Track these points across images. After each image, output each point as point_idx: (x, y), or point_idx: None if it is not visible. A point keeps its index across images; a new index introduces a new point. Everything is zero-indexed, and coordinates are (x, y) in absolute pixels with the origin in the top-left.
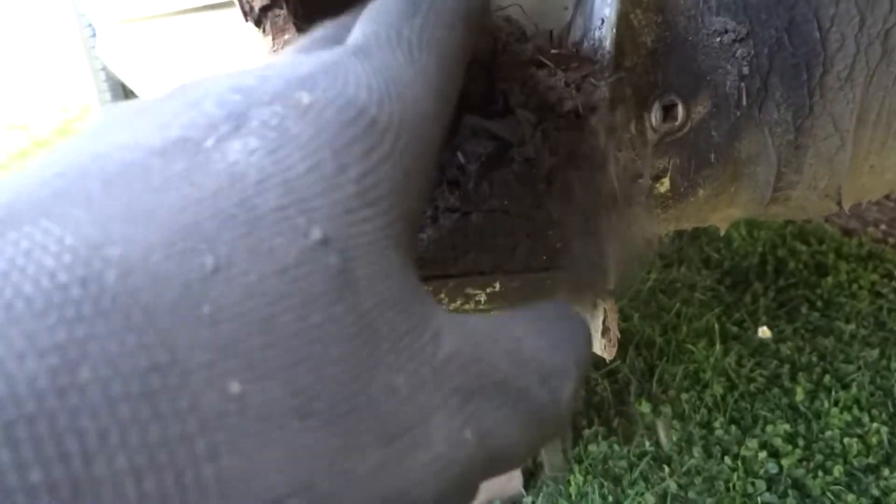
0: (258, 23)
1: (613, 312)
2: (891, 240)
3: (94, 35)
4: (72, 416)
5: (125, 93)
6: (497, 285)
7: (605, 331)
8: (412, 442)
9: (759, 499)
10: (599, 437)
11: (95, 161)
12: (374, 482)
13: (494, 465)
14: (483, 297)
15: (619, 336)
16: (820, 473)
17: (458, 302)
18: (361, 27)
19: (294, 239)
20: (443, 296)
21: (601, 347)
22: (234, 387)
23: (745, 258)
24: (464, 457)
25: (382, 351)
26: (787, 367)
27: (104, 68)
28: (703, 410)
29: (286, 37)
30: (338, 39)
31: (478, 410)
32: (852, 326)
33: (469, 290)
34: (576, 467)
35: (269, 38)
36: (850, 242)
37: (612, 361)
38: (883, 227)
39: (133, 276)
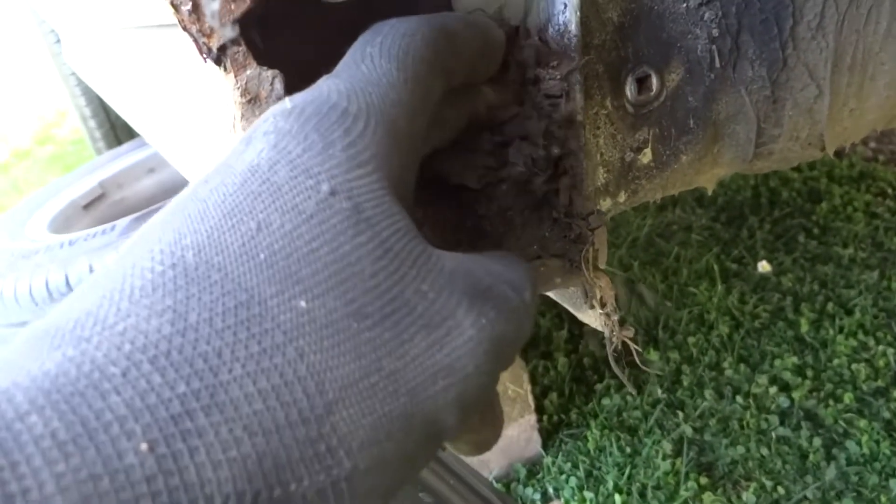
0: (218, 62)
1: (610, 290)
2: (881, 157)
3: (58, 41)
4: (193, 345)
5: (99, 96)
6: None
7: (603, 306)
8: (447, 330)
9: (773, 434)
10: (612, 390)
11: (165, 207)
12: (426, 360)
13: (505, 347)
14: None
15: (617, 309)
16: (831, 402)
17: None
18: (341, 61)
19: (309, 195)
20: None
21: (601, 324)
22: (302, 304)
23: (738, 192)
24: (487, 339)
25: (406, 266)
26: (789, 299)
27: (74, 73)
28: (711, 352)
29: (248, 72)
30: None
31: (482, 307)
32: (850, 250)
33: None
34: (591, 422)
35: (232, 75)
36: (840, 164)
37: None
38: (873, 144)
39: (205, 250)
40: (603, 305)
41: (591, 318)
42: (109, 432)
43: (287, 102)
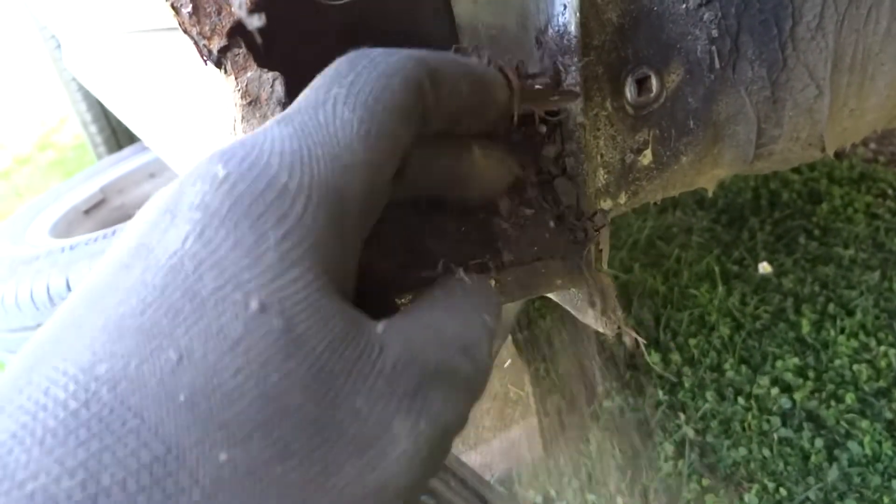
0: (218, 64)
1: (611, 290)
2: (881, 158)
3: (59, 46)
4: None
5: (100, 101)
6: (491, 282)
7: (604, 309)
8: (381, 448)
9: (775, 435)
10: (613, 392)
11: (84, 286)
12: (357, 487)
13: (447, 436)
14: None
15: (620, 313)
16: (833, 403)
17: None
18: (303, 92)
19: (237, 314)
20: None
21: (603, 325)
22: (223, 455)
23: (738, 194)
24: (424, 444)
25: (339, 383)
26: (790, 300)
27: (75, 78)
28: (713, 353)
29: (248, 74)
30: None
31: (425, 401)
32: (851, 251)
33: None
34: (593, 425)
35: (232, 77)
36: (841, 165)
37: None
38: (873, 145)
39: (120, 386)
40: (608, 306)
41: (592, 319)
42: None
43: (220, 168)
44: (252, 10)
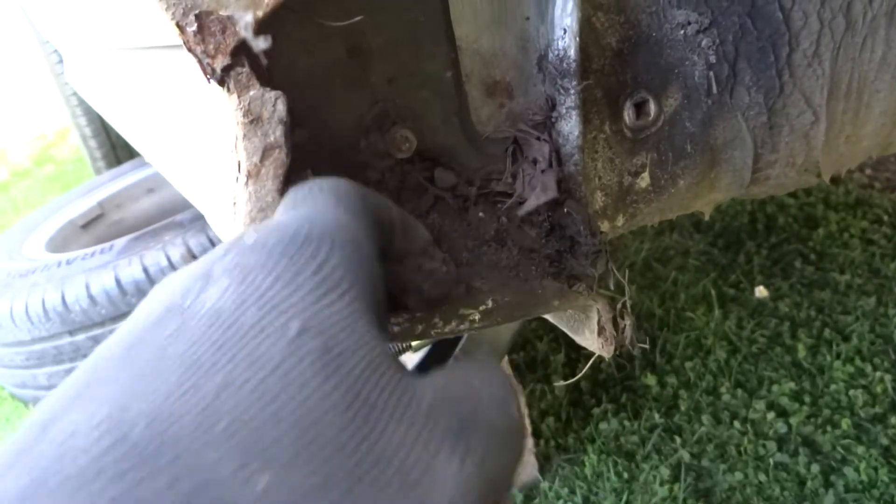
0: (221, 82)
1: (607, 312)
2: (877, 184)
3: (61, 61)
4: None
5: (100, 116)
6: (489, 302)
7: (601, 330)
8: (427, 488)
9: (770, 460)
10: (609, 415)
11: (103, 351)
12: None
13: (493, 489)
14: (477, 316)
15: (616, 334)
16: (828, 428)
17: (454, 323)
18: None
19: (277, 338)
20: (437, 319)
21: (599, 346)
22: (262, 481)
23: (735, 218)
24: (471, 491)
25: (378, 410)
26: (786, 324)
27: (76, 93)
28: (709, 377)
29: (251, 93)
30: None
31: (469, 444)
32: (847, 276)
33: (463, 311)
34: (589, 447)
35: (235, 95)
36: (837, 191)
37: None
38: (868, 171)
39: (157, 420)
40: (598, 322)
41: (589, 341)
42: None
43: (247, 238)
44: (258, 32)
